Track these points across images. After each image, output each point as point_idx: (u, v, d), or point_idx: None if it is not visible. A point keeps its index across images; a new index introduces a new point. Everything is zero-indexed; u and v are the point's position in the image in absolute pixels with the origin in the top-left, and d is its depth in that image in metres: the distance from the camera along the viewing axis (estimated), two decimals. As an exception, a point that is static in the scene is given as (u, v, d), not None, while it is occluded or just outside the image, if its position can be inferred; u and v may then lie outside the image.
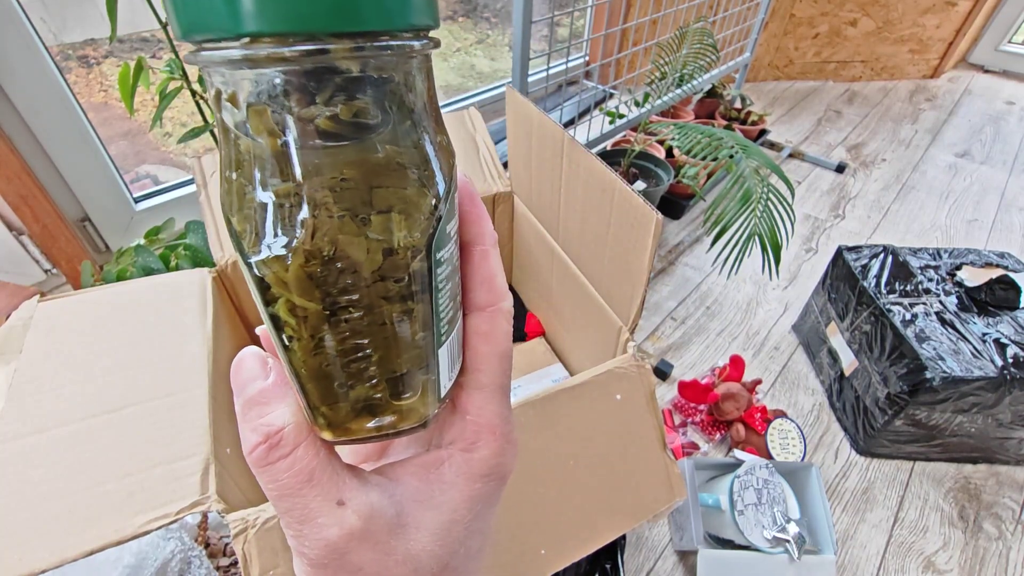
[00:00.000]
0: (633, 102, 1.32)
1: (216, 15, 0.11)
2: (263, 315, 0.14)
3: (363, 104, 0.12)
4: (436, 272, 0.15)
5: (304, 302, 0.13)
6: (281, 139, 0.12)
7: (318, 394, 0.15)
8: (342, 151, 0.13)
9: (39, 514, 0.36)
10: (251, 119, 0.12)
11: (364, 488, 0.16)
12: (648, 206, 0.45)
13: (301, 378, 0.15)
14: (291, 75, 0.12)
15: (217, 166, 0.61)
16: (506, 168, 0.74)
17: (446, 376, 0.17)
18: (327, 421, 0.16)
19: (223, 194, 0.14)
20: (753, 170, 0.93)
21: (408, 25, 0.13)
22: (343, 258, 0.13)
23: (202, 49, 0.12)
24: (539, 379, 0.77)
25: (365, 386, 0.15)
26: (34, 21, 0.78)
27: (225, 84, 0.12)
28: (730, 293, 1.20)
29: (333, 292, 0.13)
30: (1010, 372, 0.75)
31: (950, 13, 2.07)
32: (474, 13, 1.63)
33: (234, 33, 0.11)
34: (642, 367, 0.48)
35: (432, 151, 0.14)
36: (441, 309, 0.16)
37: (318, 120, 0.12)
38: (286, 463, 0.15)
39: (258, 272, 0.13)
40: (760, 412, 0.90)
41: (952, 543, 0.80)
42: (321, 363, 0.14)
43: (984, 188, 1.63)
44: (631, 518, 0.45)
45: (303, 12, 0.11)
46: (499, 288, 0.18)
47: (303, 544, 0.15)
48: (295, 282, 0.13)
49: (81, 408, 0.42)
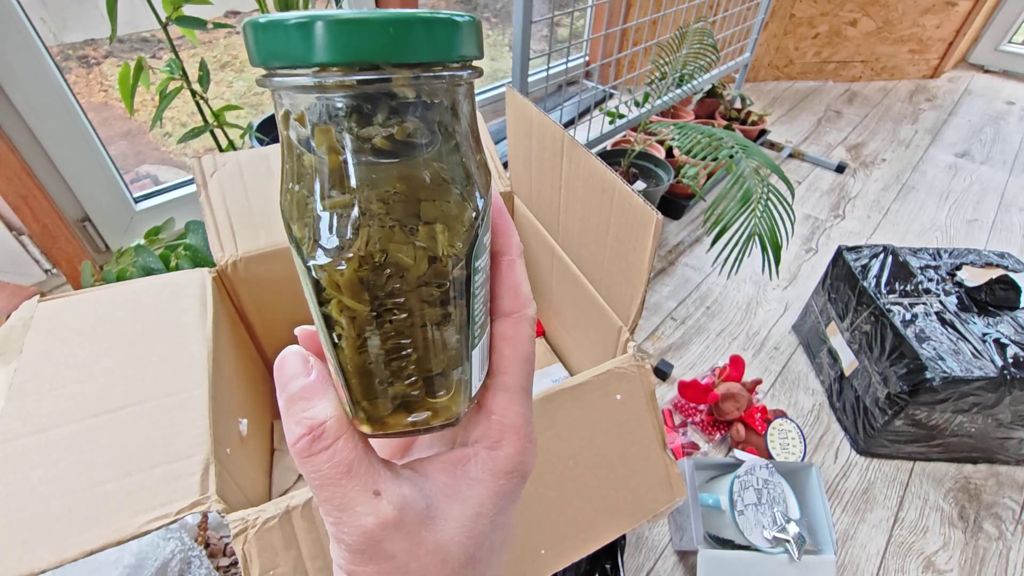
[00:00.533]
0: (633, 102, 1.32)
1: (292, 46, 0.13)
2: (315, 314, 0.16)
3: (415, 126, 0.14)
4: (474, 280, 0.16)
5: (354, 303, 0.15)
6: (341, 155, 0.14)
7: (361, 390, 0.16)
8: (394, 167, 0.14)
9: (39, 514, 0.36)
10: (316, 137, 0.14)
11: (397, 481, 0.17)
12: (648, 206, 0.45)
13: (346, 374, 0.16)
14: (353, 99, 0.13)
15: (229, 165, 0.61)
16: (506, 168, 0.74)
17: (477, 377, 0.18)
18: (367, 415, 0.17)
19: (285, 204, 0.15)
20: (753, 170, 0.93)
21: (458, 57, 0.14)
22: (392, 264, 0.14)
23: (275, 75, 0.14)
24: (539, 379, 0.77)
25: (404, 383, 0.16)
26: (34, 21, 0.78)
27: (293, 105, 0.14)
28: (730, 293, 1.20)
29: (381, 295, 0.15)
30: (1010, 372, 0.75)
31: (950, 13, 2.07)
32: (474, 13, 1.63)
33: (308, 63, 0.13)
34: (642, 367, 0.48)
35: (473, 169, 0.16)
36: (476, 314, 0.17)
37: (375, 139, 0.14)
38: (327, 454, 0.16)
39: (315, 275, 0.15)
40: (760, 412, 0.90)
41: (952, 543, 0.80)
42: (366, 361, 0.16)
43: (984, 188, 1.63)
44: (631, 518, 0.45)
45: (368, 46, 0.13)
46: (524, 295, 0.19)
47: (342, 531, 0.16)
48: (347, 285, 0.14)
49: (81, 408, 0.42)
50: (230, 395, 0.50)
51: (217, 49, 1.26)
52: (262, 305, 0.64)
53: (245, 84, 1.30)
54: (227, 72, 1.28)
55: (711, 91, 1.69)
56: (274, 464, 0.63)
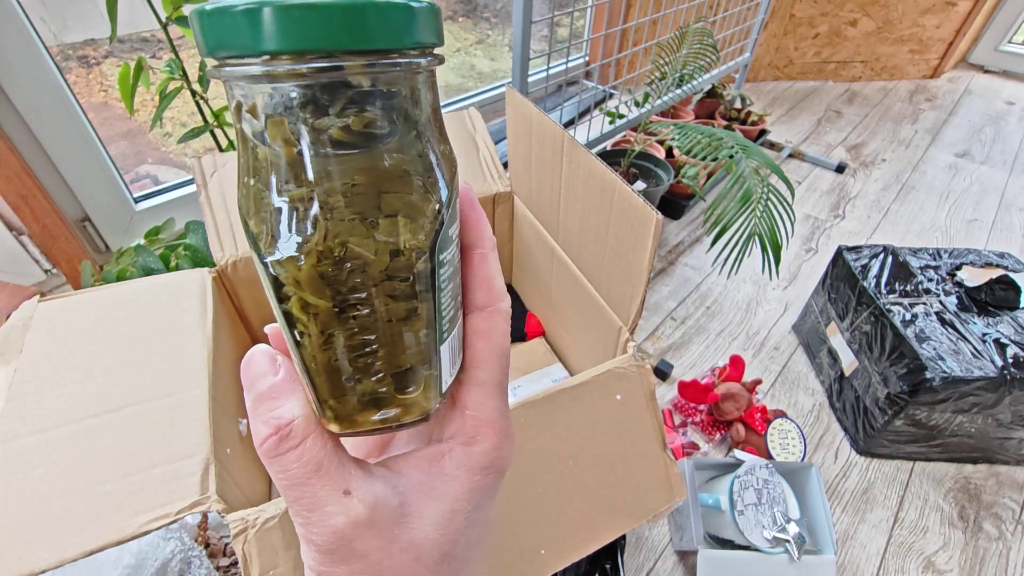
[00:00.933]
0: (633, 102, 1.32)
1: (240, 34, 0.12)
2: (276, 312, 0.15)
3: (372, 116, 0.13)
4: (439, 273, 0.16)
5: (315, 300, 0.14)
6: (296, 147, 0.13)
7: (327, 388, 0.16)
8: (353, 159, 0.13)
9: (39, 514, 0.36)
10: (269, 129, 0.13)
11: (369, 479, 0.17)
12: (648, 206, 0.45)
13: (311, 372, 0.16)
14: (307, 89, 0.13)
15: (230, 165, 0.61)
16: (506, 168, 0.74)
17: (447, 372, 0.18)
18: (335, 414, 0.16)
19: (241, 199, 0.15)
20: (753, 170, 0.93)
21: (415, 43, 0.14)
22: (352, 258, 0.14)
23: (225, 65, 0.13)
24: (539, 379, 0.77)
25: (371, 380, 0.16)
26: (34, 21, 0.78)
27: (245, 97, 0.13)
28: (730, 293, 1.20)
29: (343, 291, 0.14)
30: (1010, 372, 0.75)
31: (950, 13, 2.07)
32: (474, 13, 1.63)
33: (256, 51, 0.12)
34: (642, 367, 0.48)
35: (435, 160, 0.15)
36: (443, 308, 0.16)
37: (331, 130, 0.13)
38: (295, 454, 0.16)
39: (273, 271, 0.14)
40: (760, 412, 0.90)
41: (952, 543, 0.80)
42: (330, 358, 0.15)
43: (984, 188, 1.63)
44: (631, 518, 0.45)
45: (319, 32, 0.12)
46: (497, 289, 0.19)
47: (311, 532, 0.16)
48: (307, 281, 0.14)
49: (81, 408, 0.42)
50: (230, 395, 0.50)
51: (217, 49, 1.26)
52: (262, 305, 0.64)
53: (245, 84, 1.30)
54: (227, 72, 1.28)
55: (711, 91, 1.69)
56: (274, 464, 0.63)
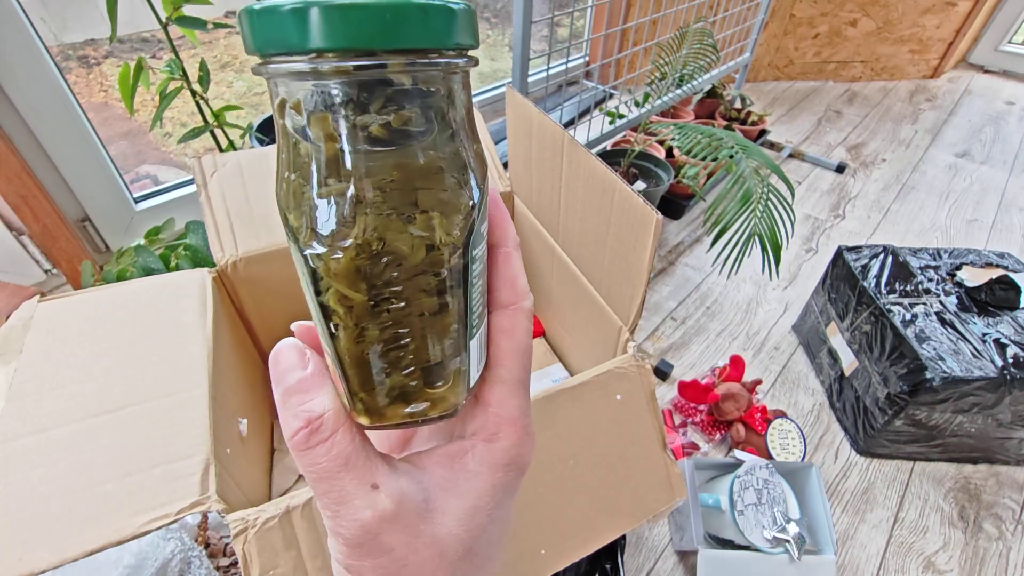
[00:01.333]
0: (633, 102, 1.32)
1: (287, 32, 0.13)
2: (311, 305, 0.16)
3: (411, 114, 0.14)
4: (471, 269, 0.16)
5: (352, 292, 0.15)
6: (338, 144, 0.14)
7: (358, 380, 0.16)
8: (391, 155, 0.14)
9: (39, 514, 0.36)
10: (312, 125, 0.14)
11: (395, 474, 0.17)
12: (648, 206, 0.45)
13: (344, 365, 0.16)
14: (349, 87, 0.13)
15: (229, 165, 0.61)
16: (506, 168, 0.74)
17: (475, 368, 0.18)
18: (365, 407, 0.17)
19: (280, 193, 0.15)
20: (753, 170, 0.93)
21: (454, 44, 0.14)
22: (389, 252, 0.14)
23: (271, 62, 0.13)
24: (539, 379, 0.77)
25: (402, 374, 0.16)
26: (34, 21, 0.78)
27: (289, 93, 0.14)
28: (730, 293, 1.20)
29: (378, 284, 0.15)
30: (1010, 372, 0.75)
31: (950, 13, 2.07)
32: (474, 13, 1.63)
33: (303, 49, 0.13)
34: (642, 367, 0.48)
35: (469, 159, 0.16)
36: (473, 303, 0.17)
37: (371, 127, 0.14)
38: (325, 447, 0.16)
39: (312, 264, 0.14)
40: (760, 412, 0.90)
41: (952, 543, 0.80)
42: (363, 351, 0.16)
43: (984, 188, 1.63)
44: (631, 518, 0.45)
45: (364, 31, 0.13)
46: (521, 287, 0.19)
47: (340, 524, 0.16)
48: (344, 274, 0.14)
49: (81, 408, 0.42)
50: (230, 395, 0.50)
51: (217, 49, 1.26)
52: (262, 305, 0.64)
53: (245, 84, 1.30)
54: (227, 72, 1.28)
55: (711, 91, 1.69)
56: (274, 464, 0.63)
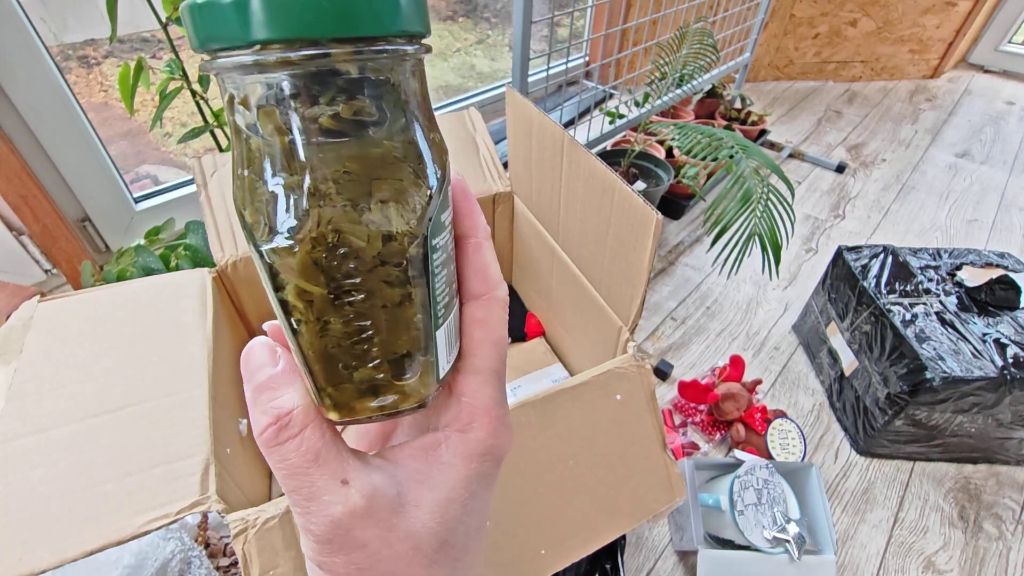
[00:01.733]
0: (633, 102, 1.32)
1: (229, 26, 0.13)
2: (273, 301, 0.16)
3: (362, 104, 0.14)
4: (432, 258, 0.16)
5: (310, 286, 0.14)
6: (288, 137, 0.13)
7: (324, 376, 0.16)
8: (344, 146, 0.14)
9: (39, 514, 0.36)
10: (261, 119, 0.13)
11: (367, 469, 0.17)
12: (648, 206, 0.45)
13: (309, 360, 0.16)
14: (296, 78, 0.13)
15: (230, 165, 0.61)
16: (506, 168, 0.74)
17: (444, 359, 0.18)
18: (333, 402, 0.17)
19: (236, 190, 0.15)
20: (753, 170, 0.93)
21: (401, 31, 0.14)
22: (346, 244, 0.14)
23: (217, 57, 0.13)
24: (539, 379, 0.77)
25: (368, 367, 0.16)
26: (34, 21, 0.78)
27: (237, 89, 0.14)
28: (730, 293, 1.20)
29: (337, 277, 0.14)
30: (1010, 372, 0.75)
31: (950, 13, 2.07)
32: (474, 13, 1.63)
33: (246, 41, 0.13)
34: (642, 367, 0.48)
35: (425, 147, 0.15)
36: (438, 293, 0.17)
37: (321, 119, 0.13)
38: (295, 443, 0.16)
39: (268, 260, 0.14)
40: (760, 412, 0.90)
41: (952, 543, 0.80)
42: (327, 345, 0.16)
43: (984, 188, 1.63)
44: (631, 518, 0.45)
45: (307, 20, 0.12)
46: (493, 277, 0.19)
47: (310, 521, 0.16)
48: (302, 268, 0.14)
49: (81, 408, 0.42)
50: (230, 395, 0.50)
51: (217, 49, 1.26)
52: (262, 305, 0.64)
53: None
54: (227, 72, 1.28)
55: (711, 91, 1.69)
56: (274, 464, 0.63)
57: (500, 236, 0.80)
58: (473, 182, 0.72)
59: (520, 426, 0.43)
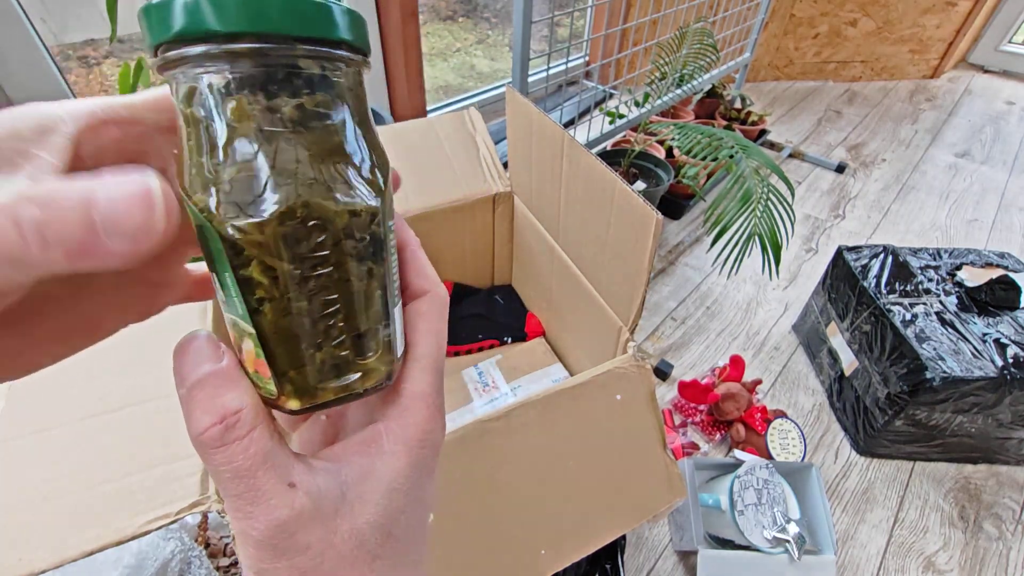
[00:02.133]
0: (633, 102, 1.32)
1: (207, 17, 0.14)
2: (227, 285, 0.15)
3: (323, 98, 0.15)
4: (388, 238, 0.17)
5: (277, 262, 0.15)
6: (254, 123, 0.14)
7: (287, 358, 0.16)
8: (308, 133, 0.15)
9: (39, 514, 0.36)
10: (231, 107, 0.14)
11: (311, 471, 0.17)
12: (648, 206, 0.45)
13: (270, 343, 0.16)
14: (264, 69, 0.14)
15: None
16: (506, 168, 0.74)
17: (399, 340, 0.19)
18: (295, 387, 0.16)
19: (190, 178, 0.15)
20: (753, 170, 0.93)
21: (350, 43, 0.16)
22: (316, 217, 0.15)
23: (186, 46, 0.14)
24: (539, 379, 0.77)
25: (332, 344, 0.16)
26: (34, 21, 0.78)
27: (200, 80, 0.15)
28: (730, 293, 1.20)
29: (304, 251, 0.15)
30: (1010, 372, 0.75)
31: (950, 13, 2.07)
32: (474, 13, 1.63)
33: (224, 31, 0.14)
34: (642, 367, 0.48)
35: (376, 143, 0.17)
36: (393, 273, 0.18)
37: (285, 108, 0.15)
38: (243, 444, 0.15)
39: (233, 237, 0.15)
40: (760, 412, 0.90)
41: (952, 543, 0.80)
42: (291, 323, 0.16)
43: (984, 188, 1.63)
44: (631, 518, 0.45)
45: (269, 16, 0.14)
46: (431, 277, 0.20)
47: (252, 527, 0.16)
48: (271, 242, 0.15)
49: (81, 408, 0.42)
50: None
51: (217, 49, 1.26)
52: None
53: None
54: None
55: (711, 91, 1.69)
56: (274, 464, 0.63)
57: (500, 236, 0.80)
58: (473, 182, 0.72)
59: (520, 426, 0.43)
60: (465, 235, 0.77)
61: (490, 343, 0.81)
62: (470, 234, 0.77)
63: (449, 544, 0.40)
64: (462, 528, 0.40)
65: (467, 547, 0.40)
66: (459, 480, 0.41)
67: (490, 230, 0.78)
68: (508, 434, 0.42)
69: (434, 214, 0.69)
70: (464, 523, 0.40)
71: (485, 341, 0.81)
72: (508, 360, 0.79)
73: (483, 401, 0.73)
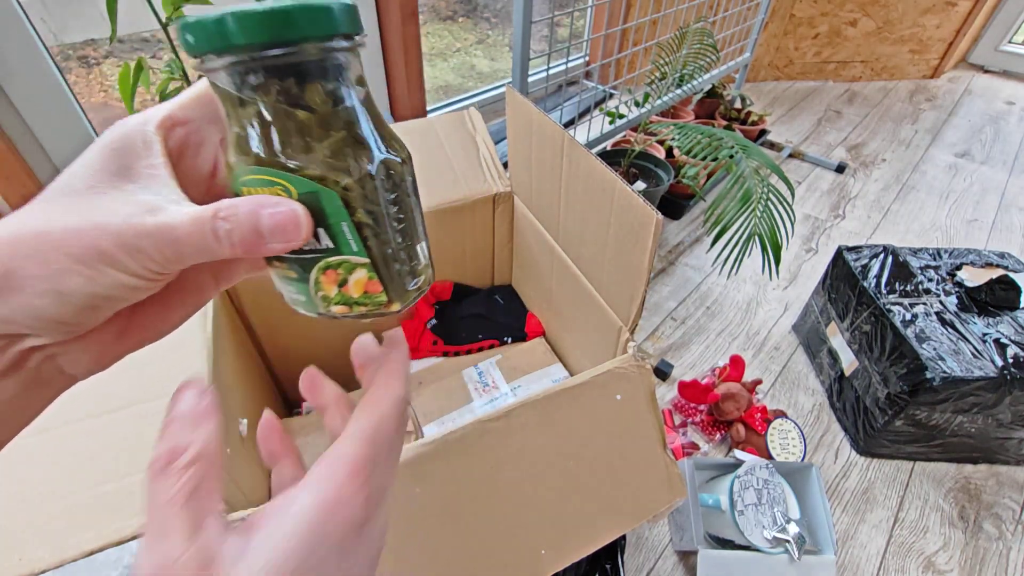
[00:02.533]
0: (633, 102, 1.32)
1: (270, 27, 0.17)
2: (344, 231, 0.20)
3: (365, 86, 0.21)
4: (416, 184, 0.23)
5: (376, 207, 0.20)
6: (341, 104, 0.19)
7: (388, 273, 0.21)
8: (368, 110, 0.20)
9: (39, 514, 0.36)
10: (311, 95, 0.18)
11: (224, 530, 0.17)
12: (648, 206, 0.45)
13: (379, 264, 0.21)
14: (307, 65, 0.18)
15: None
16: (506, 168, 0.74)
17: (426, 252, 0.24)
18: (397, 293, 0.22)
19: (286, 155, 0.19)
20: (753, 170, 0.93)
21: (338, 32, 0.19)
22: (391, 169, 0.20)
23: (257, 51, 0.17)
24: (539, 379, 0.77)
25: (407, 257, 0.22)
26: (34, 21, 0.78)
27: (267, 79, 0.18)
28: (730, 293, 1.20)
29: (389, 196, 0.20)
30: (1010, 372, 0.75)
31: (950, 13, 2.07)
32: (474, 13, 1.63)
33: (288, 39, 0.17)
34: (642, 367, 0.48)
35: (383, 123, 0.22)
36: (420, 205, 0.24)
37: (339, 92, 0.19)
38: (174, 479, 0.17)
39: (346, 193, 0.19)
40: (760, 412, 0.90)
41: (952, 543, 0.80)
42: (390, 247, 0.21)
43: (984, 188, 1.63)
44: (631, 518, 0.45)
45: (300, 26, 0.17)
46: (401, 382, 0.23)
47: (144, 562, 0.16)
48: (372, 192, 0.20)
49: (81, 408, 0.42)
50: (230, 395, 0.50)
51: (217, 49, 1.26)
52: (262, 306, 0.64)
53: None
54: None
55: (711, 91, 1.69)
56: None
57: (500, 236, 0.80)
58: (473, 182, 0.72)
59: (520, 426, 0.43)
60: (465, 235, 0.77)
61: (490, 343, 0.81)
62: (470, 234, 0.77)
63: (449, 544, 0.40)
64: (462, 528, 0.40)
65: (467, 547, 0.40)
66: (459, 480, 0.41)
67: (490, 230, 0.78)
68: (508, 434, 0.42)
69: (434, 214, 0.69)
70: (464, 523, 0.40)
71: (485, 341, 0.81)
72: (508, 360, 0.79)
73: (483, 401, 0.73)
